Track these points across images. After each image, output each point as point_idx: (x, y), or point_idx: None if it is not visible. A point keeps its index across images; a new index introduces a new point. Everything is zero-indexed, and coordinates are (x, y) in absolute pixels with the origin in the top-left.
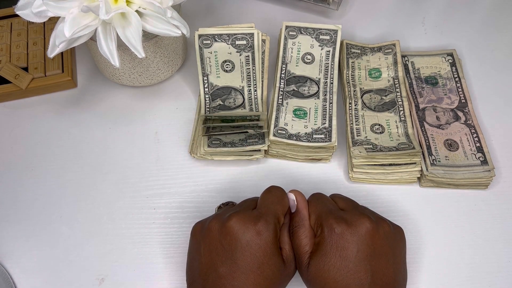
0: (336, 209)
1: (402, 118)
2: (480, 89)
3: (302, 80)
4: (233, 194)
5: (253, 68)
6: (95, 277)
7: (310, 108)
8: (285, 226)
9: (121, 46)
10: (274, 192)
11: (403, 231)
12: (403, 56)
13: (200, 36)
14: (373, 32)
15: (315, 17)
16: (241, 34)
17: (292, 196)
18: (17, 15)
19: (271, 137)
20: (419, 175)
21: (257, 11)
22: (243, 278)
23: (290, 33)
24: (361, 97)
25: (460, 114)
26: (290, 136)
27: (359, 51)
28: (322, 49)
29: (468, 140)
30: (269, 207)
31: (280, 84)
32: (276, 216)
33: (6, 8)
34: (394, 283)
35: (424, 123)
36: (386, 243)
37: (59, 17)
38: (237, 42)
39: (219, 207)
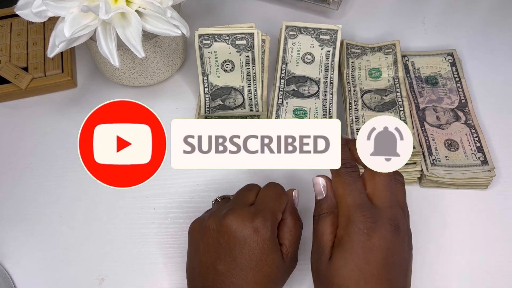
0: (366, 203)
1: (402, 118)
2: (480, 89)
3: (302, 80)
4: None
5: (253, 68)
6: (95, 277)
7: (310, 108)
8: (284, 222)
9: (121, 46)
10: (273, 189)
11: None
12: (403, 56)
13: (200, 36)
14: (373, 32)
15: (315, 17)
16: (241, 34)
17: (322, 181)
18: (17, 15)
19: None
20: (419, 175)
21: (257, 11)
22: (242, 275)
23: (290, 33)
24: (361, 97)
25: (460, 114)
26: None
27: (359, 51)
28: (322, 49)
29: (468, 140)
30: (266, 204)
31: (280, 84)
32: (273, 212)
33: (6, 8)
34: None
35: (424, 123)
36: (407, 252)
37: (59, 17)
38: (237, 42)
39: (216, 201)
